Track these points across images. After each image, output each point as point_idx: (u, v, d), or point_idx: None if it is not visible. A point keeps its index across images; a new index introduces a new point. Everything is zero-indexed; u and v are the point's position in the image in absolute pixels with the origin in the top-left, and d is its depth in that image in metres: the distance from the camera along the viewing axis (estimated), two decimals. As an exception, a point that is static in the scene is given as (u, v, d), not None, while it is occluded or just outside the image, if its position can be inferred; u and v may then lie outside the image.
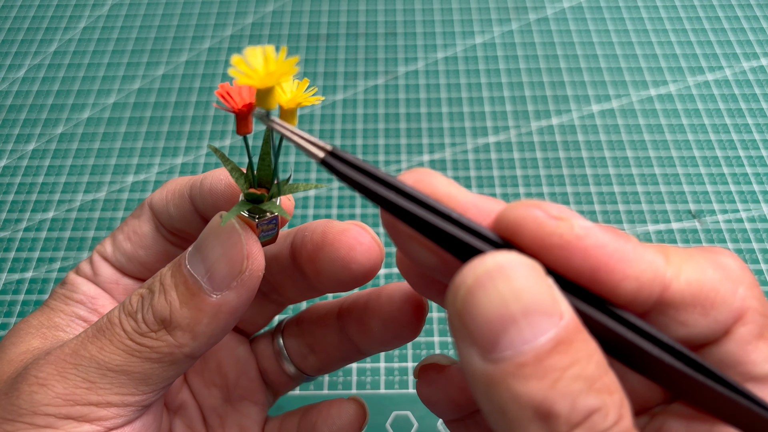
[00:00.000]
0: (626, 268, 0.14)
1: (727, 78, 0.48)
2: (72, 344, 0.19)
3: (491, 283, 0.13)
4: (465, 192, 0.16)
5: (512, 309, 0.13)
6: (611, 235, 0.14)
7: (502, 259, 0.13)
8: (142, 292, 0.19)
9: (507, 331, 0.13)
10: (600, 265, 0.14)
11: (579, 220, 0.14)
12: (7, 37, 0.53)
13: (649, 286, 0.14)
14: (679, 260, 0.15)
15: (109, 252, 0.23)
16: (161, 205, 0.22)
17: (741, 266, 0.16)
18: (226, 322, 0.19)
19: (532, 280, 0.13)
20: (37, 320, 0.22)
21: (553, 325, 0.13)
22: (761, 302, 0.16)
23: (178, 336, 0.18)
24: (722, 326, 0.15)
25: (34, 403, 0.18)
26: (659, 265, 0.15)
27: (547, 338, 0.12)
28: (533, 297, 0.13)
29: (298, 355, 0.25)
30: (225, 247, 0.18)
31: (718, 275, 0.15)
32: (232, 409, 0.25)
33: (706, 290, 0.15)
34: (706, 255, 0.16)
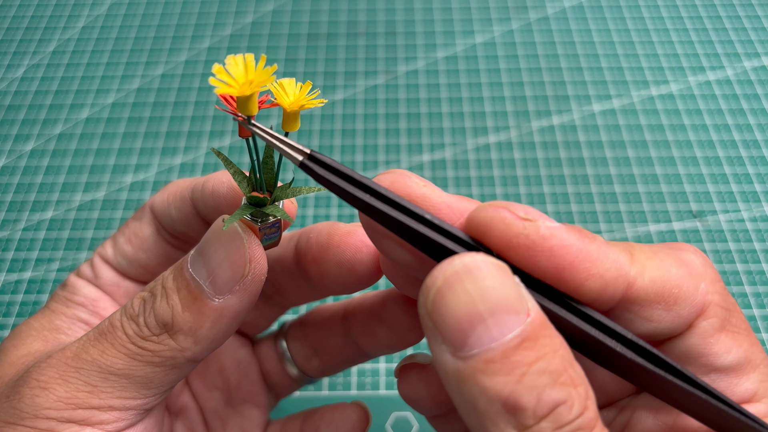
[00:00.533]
0: (590, 267, 0.15)
1: (729, 78, 0.48)
2: (74, 347, 0.18)
3: (459, 283, 0.13)
4: (439, 192, 0.17)
5: (479, 308, 0.13)
6: (577, 236, 0.15)
7: (469, 260, 0.14)
8: (143, 296, 0.19)
9: (475, 329, 0.13)
10: (565, 265, 0.15)
11: (546, 221, 0.15)
12: (6, 36, 0.52)
13: (613, 284, 0.15)
14: (644, 258, 0.16)
15: (110, 254, 0.23)
16: (162, 208, 0.22)
17: (704, 262, 0.17)
18: (229, 326, 0.18)
19: (498, 279, 0.13)
20: (38, 323, 0.22)
21: (520, 322, 0.13)
22: (722, 297, 0.16)
23: (180, 340, 0.18)
24: (685, 321, 0.16)
25: (36, 406, 0.17)
26: (623, 264, 0.15)
27: (513, 335, 0.13)
28: (499, 296, 0.13)
29: (302, 358, 0.25)
30: (227, 251, 0.18)
31: (681, 272, 0.16)
32: (234, 411, 0.25)
33: (669, 287, 0.15)
34: (669, 252, 0.16)
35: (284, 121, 0.18)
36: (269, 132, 0.16)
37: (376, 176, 0.17)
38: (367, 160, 0.44)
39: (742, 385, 0.16)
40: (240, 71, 0.15)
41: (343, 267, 0.20)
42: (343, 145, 0.45)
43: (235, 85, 0.15)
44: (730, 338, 0.16)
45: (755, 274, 0.38)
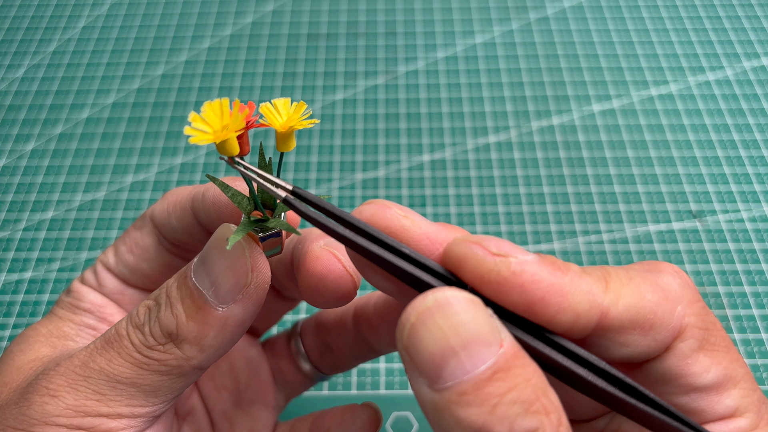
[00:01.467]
0: (561, 300, 0.15)
1: (728, 78, 0.48)
2: (81, 356, 0.19)
3: (431, 319, 0.14)
4: (420, 223, 0.17)
5: (452, 342, 0.14)
6: (549, 270, 0.15)
7: (440, 295, 0.14)
8: (149, 304, 0.19)
9: (448, 363, 0.14)
10: (536, 300, 0.15)
11: (518, 256, 0.15)
12: (6, 36, 0.53)
13: (586, 316, 0.15)
14: (619, 286, 0.16)
15: (112, 263, 0.23)
16: (163, 217, 0.22)
17: (682, 284, 0.17)
18: (233, 334, 0.19)
19: (470, 313, 0.14)
20: (45, 328, 0.22)
21: (492, 354, 0.14)
22: (700, 317, 0.16)
23: (185, 349, 0.18)
24: (662, 344, 0.16)
25: (46, 413, 0.18)
26: (596, 295, 0.15)
27: (485, 367, 0.13)
28: (471, 329, 0.14)
29: (316, 353, 0.26)
30: (229, 261, 0.18)
31: (657, 297, 0.16)
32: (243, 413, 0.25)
33: (644, 313, 0.16)
34: (646, 276, 0.17)
35: (278, 142, 0.18)
36: (252, 169, 0.17)
37: (358, 207, 0.17)
38: (367, 160, 0.44)
39: (722, 403, 0.16)
40: (215, 117, 0.16)
41: (311, 291, 0.20)
42: (343, 145, 0.45)
43: (210, 131, 0.16)
44: (708, 357, 0.16)
45: (755, 274, 0.39)
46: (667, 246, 0.40)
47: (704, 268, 0.39)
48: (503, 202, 0.42)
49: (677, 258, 0.39)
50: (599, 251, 0.40)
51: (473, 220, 0.41)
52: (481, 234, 0.41)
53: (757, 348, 0.36)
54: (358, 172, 0.44)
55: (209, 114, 0.16)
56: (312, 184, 0.43)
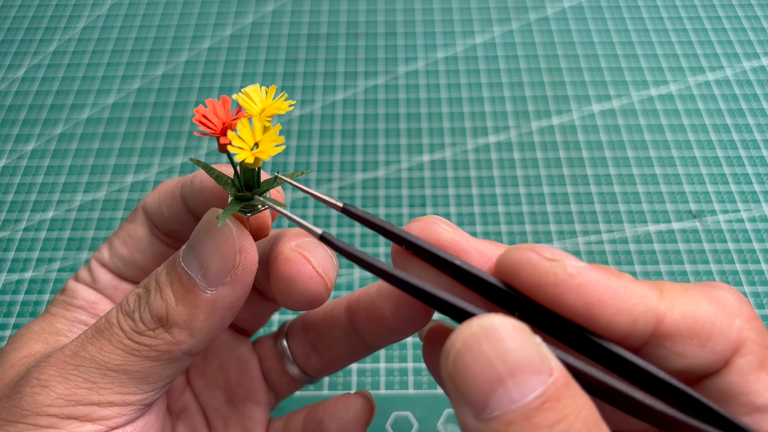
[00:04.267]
0: (619, 302, 0.15)
1: (728, 78, 0.48)
2: (72, 346, 0.19)
3: (477, 346, 0.14)
4: (468, 238, 0.17)
5: (499, 370, 0.13)
6: (603, 273, 0.15)
7: (486, 322, 0.14)
8: (138, 292, 0.19)
9: (495, 392, 0.13)
10: (593, 301, 0.15)
11: (572, 260, 0.15)
12: (7, 36, 0.53)
13: (643, 319, 0.15)
14: (674, 294, 0.16)
15: (106, 258, 0.23)
16: (154, 207, 0.22)
17: (738, 299, 0.16)
18: (223, 317, 0.19)
19: (517, 340, 0.14)
20: (38, 326, 0.22)
21: (541, 382, 0.13)
22: (760, 334, 0.16)
23: (175, 333, 0.18)
24: (721, 357, 0.16)
25: (37, 404, 0.18)
26: (652, 299, 0.15)
27: (533, 396, 0.13)
28: (518, 357, 0.13)
29: (302, 355, 0.25)
30: (217, 243, 0.18)
31: (714, 308, 0.16)
32: (235, 410, 0.25)
33: (702, 322, 0.15)
34: (701, 289, 0.16)
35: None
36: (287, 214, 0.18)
37: (407, 224, 0.18)
38: (367, 160, 0.44)
39: None
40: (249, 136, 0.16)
41: (282, 293, 0.19)
42: (343, 145, 0.45)
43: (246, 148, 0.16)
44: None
45: (755, 274, 0.39)
46: (667, 246, 0.40)
47: (704, 268, 0.39)
48: (503, 202, 0.42)
49: (677, 258, 0.39)
50: (599, 251, 0.40)
51: (473, 220, 0.41)
52: (482, 238, 0.41)
53: (757, 348, 0.36)
54: (358, 172, 0.44)
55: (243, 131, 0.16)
56: (312, 184, 0.43)
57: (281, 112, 0.17)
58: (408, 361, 0.36)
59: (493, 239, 0.40)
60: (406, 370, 0.35)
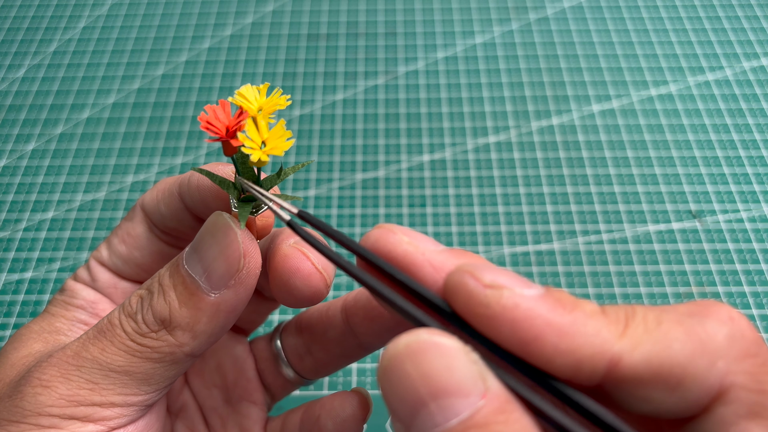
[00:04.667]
0: (559, 342, 0.13)
1: (728, 78, 0.48)
2: (74, 346, 0.19)
3: (402, 366, 0.13)
4: (424, 249, 0.16)
5: (421, 392, 0.13)
6: (549, 306, 0.14)
7: (412, 340, 0.13)
8: (141, 293, 0.19)
9: (418, 414, 0.13)
10: (529, 339, 0.13)
11: (515, 289, 0.14)
12: (7, 37, 0.53)
13: (589, 363, 0.13)
14: (641, 331, 0.14)
15: (105, 256, 0.23)
16: (152, 205, 0.22)
17: (731, 334, 0.14)
18: (226, 320, 0.19)
19: (443, 360, 0.13)
20: (38, 326, 0.22)
21: (469, 406, 0.12)
22: (753, 377, 0.14)
23: (178, 335, 0.18)
24: (696, 404, 0.14)
25: (38, 404, 0.18)
26: (605, 339, 0.13)
27: (456, 421, 0.12)
28: (442, 379, 0.12)
29: (296, 357, 0.25)
30: (221, 246, 0.18)
31: (689, 348, 0.13)
32: (233, 410, 0.25)
33: (669, 366, 0.13)
34: (681, 321, 0.14)
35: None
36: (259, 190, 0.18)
37: (367, 233, 0.17)
38: (367, 160, 0.44)
39: None
40: (256, 135, 0.17)
41: (281, 289, 0.19)
42: (343, 145, 0.45)
43: (256, 147, 0.17)
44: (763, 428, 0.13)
45: (754, 274, 0.39)
46: (667, 246, 0.40)
47: (704, 268, 0.39)
48: (503, 202, 0.42)
49: (677, 258, 0.39)
50: (599, 251, 0.40)
51: (473, 220, 0.41)
52: (482, 237, 0.41)
53: (757, 348, 0.36)
54: (358, 172, 0.44)
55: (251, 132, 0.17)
56: (312, 184, 0.43)
57: (281, 108, 0.17)
58: (408, 360, 0.36)
59: (493, 239, 0.40)
60: (406, 370, 0.35)
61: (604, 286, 0.38)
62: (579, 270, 0.39)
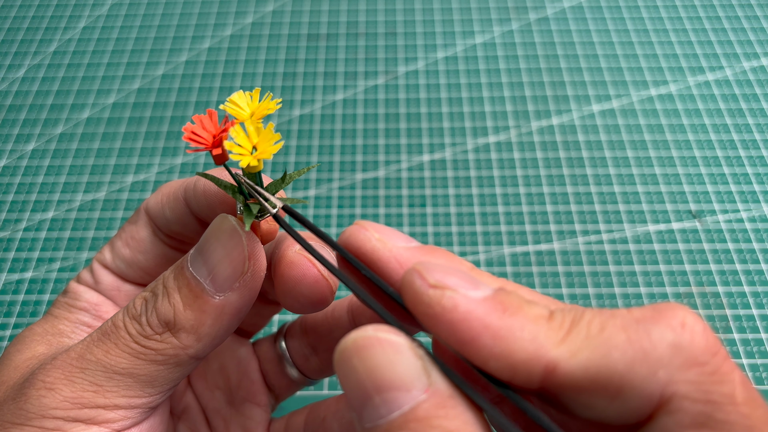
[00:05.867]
0: (494, 345, 0.13)
1: (728, 78, 0.48)
2: (78, 348, 0.19)
3: (349, 361, 0.14)
4: (391, 246, 0.17)
5: (366, 385, 0.13)
6: (489, 309, 0.14)
7: (359, 336, 0.14)
8: (145, 296, 0.19)
9: (365, 406, 0.13)
10: (466, 340, 0.14)
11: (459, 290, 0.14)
12: (7, 37, 0.53)
13: (524, 366, 0.13)
14: (582, 338, 0.13)
15: (108, 259, 0.23)
16: (157, 209, 0.22)
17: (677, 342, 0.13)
18: (230, 322, 0.19)
19: (386, 356, 0.13)
20: (41, 328, 0.22)
21: (410, 400, 0.13)
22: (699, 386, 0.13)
23: (182, 338, 0.18)
24: (638, 413, 0.13)
25: (43, 406, 0.18)
26: (540, 345, 0.13)
27: (398, 414, 0.13)
28: (385, 374, 0.13)
29: (301, 357, 0.25)
30: (227, 249, 0.18)
31: (629, 356, 0.13)
32: (236, 411, 0.25)
33: (607, 375, 0.13)
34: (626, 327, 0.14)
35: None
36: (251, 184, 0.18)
37: (344, 230, 0.18)
38: (367, 160, 0.44)
39: None
40: (243, 139, 0.17)
41: (287, 295, 0.20)
42: (343, 145, 0.45)
43: (245, 152, 0.17)
44: None
45: (754, 274, 0.39)
46: (667, 246, 0.40)
47: (704, 268, 0.39)
48: (503, 202, 0.42)
49: (677, 258, 0.39)
50: (599, 251, 0.40)
51: (473, 220, 0.41)
52: (482, 237, 0.41)
53: (757, 348, 0.36)
54: (358, 172, 0.44)
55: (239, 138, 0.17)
56: (312, 184, 0.43)
57: (270, 112, 0.17)
58: (408, 360, 0.36)
59: (493, 239, 0.40)
60: (406, 370, 0.35)
61: (604, 286, 0.38)
62: (579, 270, 0.39)
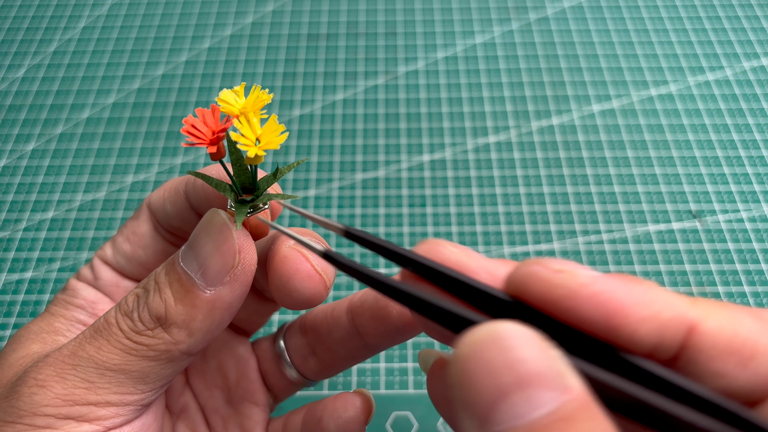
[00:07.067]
0: (641, 309, 0.13)
1: (728, 78, 0.48)
2: (70, 345, 0.19)
3: (484, 353, 0.12)
4: (476, 258, 0.16)
5: (505, 381, 0.12)
6: (620, 281, 0.14)
7: (496, 327, 0.13)
8: (137, 292, 0.19)
9: (500, 403, 0.12)
10: (612, 311, 0.13)
11: (583, 270, 0.14)
12: (7, 36, 0.53)
13: (671, 326, 0.13)
14: (709, 306, 0.14)
15: (109, 255, 0.23)
16: (158, 204, 0.23)
17: None
18: (221, 317, 0.19)
19: (529, 350, 0.12)
20: (37, 326, 0.22)
21: (554, 399, 0.12)
22: None
23: (174, 333, 0.18)
24: (767, 383, 0.14)
25: (34, 404, 0.18)
26: (680, 305, 0.14)
27: (543, 413, 0.12)
28: (529, 368, 0.12)
29: (300, 357, 0.25)
30: (216, 243, 0.18)
31: (758, 326, 0.14)
32: (234, 410, 0.25)
33: (742, 338, 0.13)
34: (743, 307, 0.14)
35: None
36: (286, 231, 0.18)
37: (414, 247, 0.17)
38: (367, 160, 0.44)
39: None
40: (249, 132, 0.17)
41: (280, 291, 0.19)
42: (343, 145, 0.45)
43: (250, 143, 0.17)
44: None
45: (754, 274, 0.39)
46: (667, 246, 0.40)
47: (704, 268, 0.39)
48: (503, 202, 0.42)
49: (677, 258, 0.39)
50: (599, 251, 0.40)
51: (473, 220, 0.41)
52: (482, 236, 0.41)
53: (757, 348, 0.36)
54: (358, 172, 0.44)
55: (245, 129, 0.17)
56: (312, 184, 0.43)
57: (267, 102, 0.17)
58: (408, 361, 0.36)
59: (493, 238, 0.40)
60: (406, 370, 0.35)
61: (604, 286, 0.38)
62: (579, 270, 0.39)
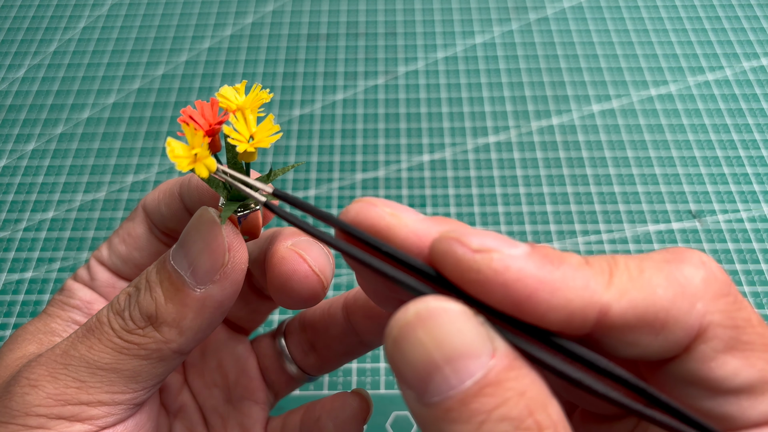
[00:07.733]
0: (550, 298, 0.14)
1: (728, 78, 0.48)
2: (63, 345, 0.19)
3: (413, 333, 0.13)
4: (408, 220, 0.16)
5: (435, 357, 0.13)
6: (537, 264, 0.14)
7: (422, 307, 0.13)
8: (129, 291, 0.19)
9: (432, 378, 0.13)
10: (522, 299, 0.14)
11: (503, 250, 0.14)
12: (7, 37, 0.53)
13: (580, 314, 0.14)
14: (625, 279, 0.14)
15: (105, 256, 0.23)
16: (154, 205, 0.23)
17: (706, 276, 0.15)
18: (212, 316, 0.19)
19: (454, 324, 0.13)
20: (33, 327, 0.22)
21: (481, 366, 0.13)
22: (728, 314, 0.15)
23: (164, 332, 0.18)
24: (678, 345, 0.15)
25: (26, 404, 0.18)
26: (594, 290, 0.14)
27: (471, 382, 0.13)
28: (455, 342, 0.13)
29: (300, 353, 0.25)
30: (206, 241, 0.18)
31: (671, 293, 0.14)
32: (234, 409, 0.25)
33: (654, 311, 0.14)
34: (661, 268, 0.15)
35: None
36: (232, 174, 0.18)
37: (347, 206, 0.17)
38: (367, 160, 0.44)
39: (756, 408, 0.14)
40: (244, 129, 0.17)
41: (278, 291, 0.20)
42: (343, 145, 0.45)
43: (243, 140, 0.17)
44: (738, 359, 0.14)
45: (754, 274, 0.39)
46: (667, 246, 0.40)
47: (704, 267, 0.39)
48: (503, 202, 0.42)
49: (677, 258, 0.39)
50: (599, 251, 0.40)
51: (473, 220, 0.41)
52: (480, 234, 0.41)
53: (757, 348, 0.36)
54: (358, 172, 0.44)
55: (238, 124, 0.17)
56: (312, 184, 0.43)
57: (266, 101, 0.17)
58: (408, 360, 0.36)
59: (493, 239, 0.40)
60: (406, 370, 0.35)
61: (604, 286, 0.38)
62: (579, 270, 0.39)
